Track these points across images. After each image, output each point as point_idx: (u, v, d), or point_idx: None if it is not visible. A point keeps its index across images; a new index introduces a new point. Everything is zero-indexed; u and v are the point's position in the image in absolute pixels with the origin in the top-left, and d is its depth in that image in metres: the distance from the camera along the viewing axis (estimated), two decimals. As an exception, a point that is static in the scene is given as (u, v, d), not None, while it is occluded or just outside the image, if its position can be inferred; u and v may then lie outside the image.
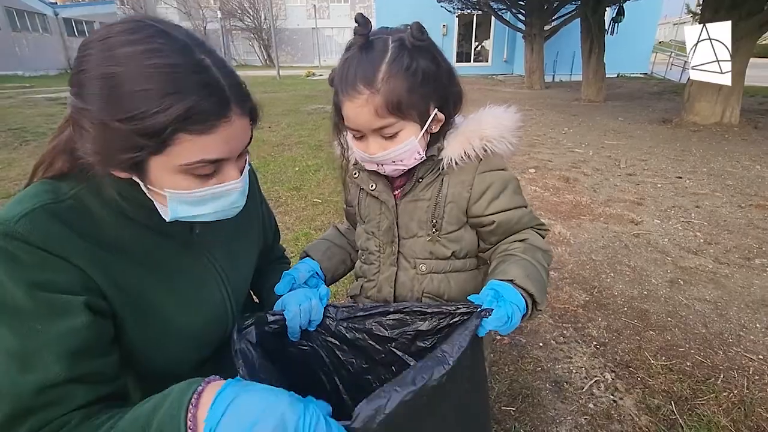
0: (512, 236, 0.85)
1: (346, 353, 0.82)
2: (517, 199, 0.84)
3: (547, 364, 1.77)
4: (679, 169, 4.49)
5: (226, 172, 0.60)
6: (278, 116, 8.00)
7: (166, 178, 0.56)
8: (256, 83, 15.44)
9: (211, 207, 0.61)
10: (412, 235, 0.86)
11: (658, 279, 2.41)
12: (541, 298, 0.72)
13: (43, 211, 0.55)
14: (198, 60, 0.53)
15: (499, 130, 0.81)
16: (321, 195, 3.77)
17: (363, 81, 0.69)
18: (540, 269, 0.76)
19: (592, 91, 9.75)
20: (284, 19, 30.41)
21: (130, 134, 0.50)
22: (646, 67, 17.33)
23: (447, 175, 0.82)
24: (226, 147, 0.57)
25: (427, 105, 0.75)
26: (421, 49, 0.71)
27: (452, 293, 0.88)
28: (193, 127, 0.52)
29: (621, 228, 3.10)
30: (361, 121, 0.72)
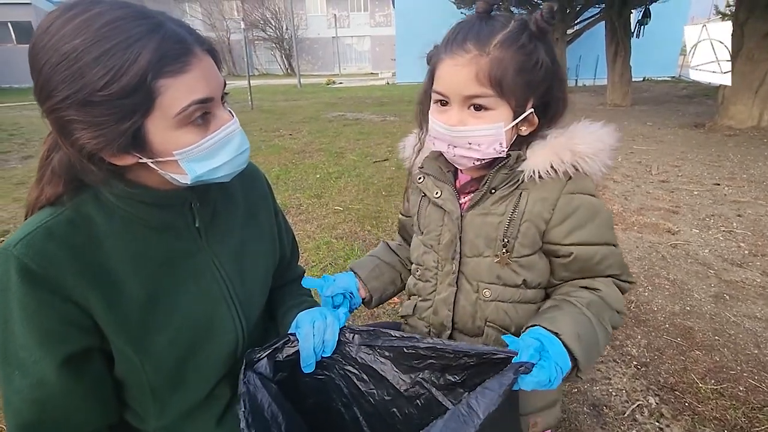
0: (585, 280, 0.72)
1: (366, 383, 0.74)
2: (606, 234, 0.71)
3: (584, 385, 1.66)
4: (716, 176, 4.27)
5: (219, 116, 0.60)
6: (299, 124, 8.06)
7: (169, 138, 0.55)
8: (278, 92, 15.68)
9: (223, 156, 0.60)
10: (477, 253, 0.74)
11: (701, 293, 2.26)
12: (586, 366, 0.62)
13: (41, 231, 0.56)
14: (140, 8, 0.53)
15: (594, 148, 0.69)
16: (342, 203, 3.74)
17: (474, 40, 0.63)
18: (599, 333, 0.65)
19: (617, 96, 9.48)
20: (305, 28, 30.96)
21: (115, 100, 0.50)
22: (674, 70, 16.80)
23: (526, 189, 0.71)
24: (207, 84, 0.56)
25: (526, 97, 0.67)
26: (544, 34, 0.65)
27: (521, 325, 0.75)
28: (169, 68, 0.52)
29: (657, 238, 2.94)
30: (456, 81, 0.65)
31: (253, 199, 0.82)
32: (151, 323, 0.63)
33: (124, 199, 0.61)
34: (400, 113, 9.13)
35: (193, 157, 0.57)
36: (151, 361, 0.64)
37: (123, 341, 0.61)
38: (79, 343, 0.59)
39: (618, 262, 0.72)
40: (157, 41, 0.51)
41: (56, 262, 0.55)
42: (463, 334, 0.80)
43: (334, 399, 0.76)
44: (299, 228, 3.22)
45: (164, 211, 0.64)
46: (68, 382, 0.58)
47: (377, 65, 31.21)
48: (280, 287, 0.92)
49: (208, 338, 0.69)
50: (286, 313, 0.86)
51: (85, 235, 0.59)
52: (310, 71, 31.16)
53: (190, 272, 0.68)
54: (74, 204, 0.60)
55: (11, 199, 3.99)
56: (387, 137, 6.58)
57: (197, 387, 0.70)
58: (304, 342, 0.70)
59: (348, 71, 31.09)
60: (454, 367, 0.66)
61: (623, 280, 0.73)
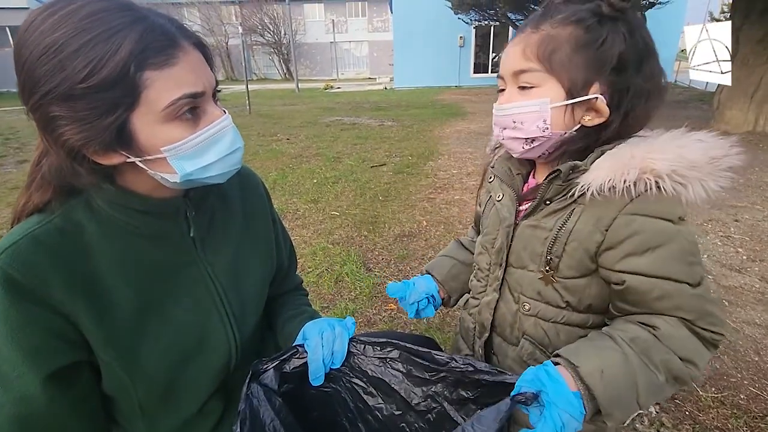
0: (643, 316, 0.60)
1: (374, 397, 0.71)
2: (673, 266, 0.57)
3: (583, 394, 1.63)
4: (713, 181, 4.27)
5: (210, 112, 0.57)
6: (297, 128, 8.05)
7: (156, 133, 0.52)
8: (276, 96, 15.70)
9: (213, 154, 0.57)
10: (521, 265, 0.71)
11: (700, 300, 2.24)
12: (611, 410, 0.53)
13: (28, 240, 0.54)
14: (124, 2, 0.51)
15: (674, 166, 0.56)
16: (339, 208, 3.72)
17: (533, 21, 0.63)
18: (640, 375, 0.54)
19: (614, 101, 9.51)
20: (303, 33, 31.08)
21: (97, 93, 0.48)
22: (670, 76, 16.92)
23: (582, 205, 0.62)
24: (196, 78, 0.54)
25: (588, 79, 0.60)
26: (616, 15, 0.59)
27: (560, 346, 0.66)
28: (153, 61, 0.50)
29: (655, 243, 2.93)
30: (506, 60, 0.65)
31: (252, 207, 0.80)
32: (141, 336, 0.61)
33: (115, 206, 0.59)
34: (398, 118, 9.14)
35: (182, 154, 0.54)
36: (140, 376, 0.61)
37: (111, 355, 0.59)
38: (66, 358, 0.56)
39: (691, 305, 0.58)
40: (140, 32, 0.49)
41: (43, 273, 0.53)
42: (502, 339, 0.78)
43: (339, 413, 0.74)
44: (295, 233, 3.19)
45: (158, 219, 0.62)
46: (54, 397, 0.55)
47: (375, 70, 31.35)
48: (278, 296, 0.90)
49: (199, 351, 0.67)
50: (286, 323, 0.84)
51: (75, 244, 0.57)
52: (308, 76, 31.25)
53: (183, 283, 0.66)
54: (64, 211, 0.57)
55: (5, 203, 3.96)
56: (384, 142, 6.57)
57: (188, 402, 0.68)
58: (313, 354, 0.67)
59: (346, 76, 31.20)
60: (468, 383, 0.63)
61: (701, 327, 0.57)
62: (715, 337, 0.58)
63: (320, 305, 2.27)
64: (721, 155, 0.58)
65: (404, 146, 6.23)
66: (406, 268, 2.64)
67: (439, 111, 10.07)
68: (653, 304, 0.59)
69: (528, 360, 0.72)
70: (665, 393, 0.57)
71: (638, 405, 0.55)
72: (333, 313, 2.19)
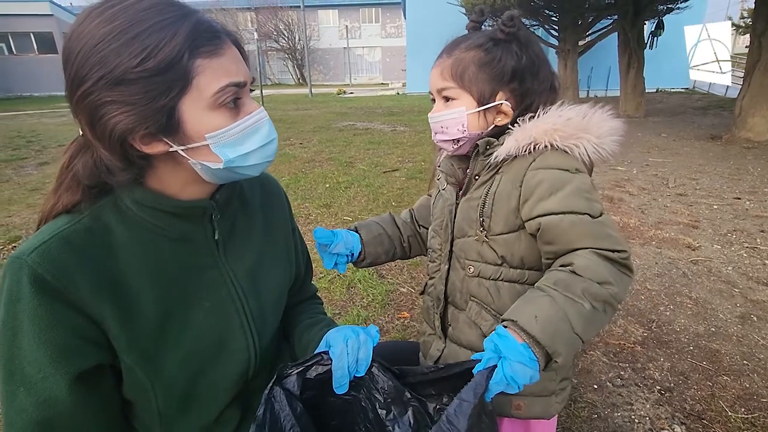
0: (561, 258, 0.70)
1: (389, 413, 0.69)
2: (573, 201, 0.69)
3: (604, 411, 1.57)
4: (736, 189, 4.15)
5: (248, 104, 0.60)
6: (309, 133, 8.09)
7: (203, 119, 0.55)
8: (289, 101, 15.84)
9: (253, 142, 0.60)
10: (463, 234, 0.83)
11: (727, 314, 2.16)
12: (555, 347, 0.59)
13: (57, 240, 0.54)
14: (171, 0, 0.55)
15: (555, 123, 0.73)
16: (351, 213, 3.70)
17: (447, 49, 0.79)
18: (569, 310, 0.62)
19: (630, 107, 9.37)
20: (317, 39, 31.42)
21: (151, 77, 0.50)
22: (688, 81, 16.59)
23: (502, 173, 0.77)
24: (239, 69, 0.57)
25: (493, 90, 0.76)
26: (507, 37, 0.75)
27: (502, 304, 0.78)
28: (204, 49, 0.53)
29: (676, 254, 2.84)
30: (431, 80, 0.81)
31: (272, 216, 0.81)
32: (163, 340, 0.61)
33: (144, 207, 0.59)
34: (410, 123, 9.13)
35: (225, 141, 0.56)
36: (161, 380, 0.61)
37: (134, 359, 0.58)
38: (92, 359, 0.56)
39: (594, 231, 0.68)
40: (192, 24, 0.53)
41: (72, 273, 0.53)
42: (454, 306, 0.87)
43: (358, 423, 0.73)
44: (307, 238, 3.16)
45: (184, 221, 0.63)
46: (77, 401, 0.55)
47: (388, 75, 31.46)
48: (294, 305, 0.90)
49: (219, 356, 0.66)
50: (303, 332, 0.83)
51: (103, 245, 0.57)
52: (321, 81, 31.52)
53: (204, 286, 0.66)
54: (93, 212, 0.58)
55: (25, 204, 4.04)
56: (397, 147, 6.56)
57: (206, 409, 0.67)
58: (338, 361, 0.67)
59: (359, 81, 31.38)
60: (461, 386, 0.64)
61: (608, 249, 0.67)
62: (621, 255, 0.67)
63: (332, 312, 2.24)
64: (591, 112, 0.74)
65: (417, 151, 6.20)
66: (419, 275, 2.60)
67: (451, 116, 10.01)
68: (564, 236, 0.69)
69: (476, 319, 0.81)
70: (598, 319, 0.64)
71: (578, 336, 0.62)
72: (345, 320, 2.16)
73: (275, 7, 30.82)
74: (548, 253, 0.73)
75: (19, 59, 19.18)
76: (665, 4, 9.89)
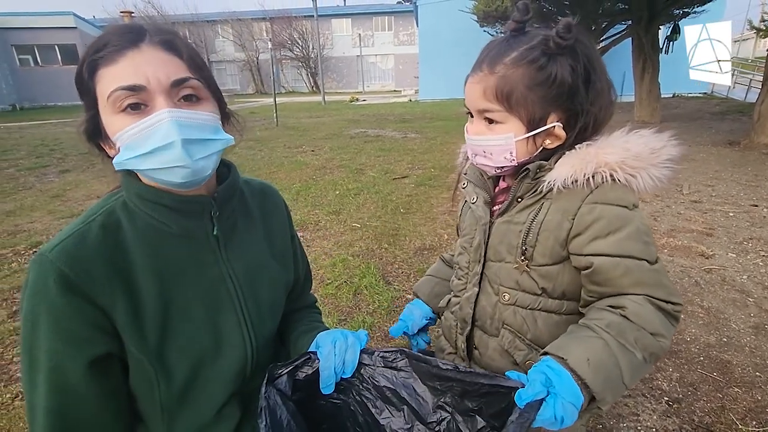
0: (611, 298, 0.66)
1: (383, 410, 0.71)
2: (632, 245, 0.65)
3: (609, 422, 1.55)
4: (753, 196, 4.05)
5: (157, 107, 0.59)
6: (321, 140, 8.19)
7: (108, 122, 0.60)
8: (302, 109, 16.06)
9: (148, 144, 0.58)
10: (499, 259, 0.77)
11: (740, 324, 2.11)
12: (605, 395, 0.58)
13: (75, 237, 0.59)
14: (131, 23, 0.64)
15: (622, 157, 0.66)
16: (360, 219, 3.73)
17: (488, 61, 0.69)
18: (620, 357, 0.59)
19: (645, 112, 9.23)
20: (331, 48, 31.80)
21: (81, 95, 0.62)
22: (706, 86, 16.27)
23: (550, 200, 0.71)
24: (138, 73, 0.58)
25: (544, 111, 0.68)
26: (562, 50, 0.65)
27: (539, 335, 0.75)
28: (101, 61, 0.58)
29: (689, 262, 2.78)
30: (471, 97, 0.72)
31: (272, 222, 0.84)
32: (166, 331, 0.64)
33: (146, 202, 0.64)
34: (422, 130, 9.16)
35: (126, 143, 0.59)
36: (163, 371, 0.64)
37: (140, 348, 0.62)
38: (104, 347, 0.60)
39: (650, 279, 0.65)
40: (106, 38, 0.59)
41: (87, 267, 0.58)
42: (483, 331, 0.83)
43: (348, 427, 0.74)
44: (316, 245, 3.22)
45: (185, 217, 0.66)
46: (91, 386, 0.59)
47: (400, 83, 31.63)
48: (292, 313, 0.92)
49: (217, 352, 0.69)
50: (299, 337, 0.85)
51: (114, 241, 0.62)
52: (334, 89, 31.84)
53: (204, 282, 0.69)
54: (106, 210, 0.64)
55: (46, 211, 4.18)
56: (407, 154, 6.59)
57: (206, 405, 0.69)
58: (325, 361, 0.69)
59: (371, 89, 31.61)
60: (471, 392, 0.65)
61: (662, 299, 0.64)
62: (675, 308, 0.65)
63: (338, 318, 2.26)
64: (659, 146, 0.68)
65: (427, 158, 6.22)
66: (425, 283, 2.60)
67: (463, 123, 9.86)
68: (618, 281, 0.66)
69: (509, 348, 0.77)
70: (644, 370, 0.63)
71: (624, 384, 0.60)
72: (350, 326, 2.18)
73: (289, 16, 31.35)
74: (593, 292, 0.69)
75: (45, 70, 19.92)
76: (681, 9, 9.74)
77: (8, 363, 1.96)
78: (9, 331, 2.19)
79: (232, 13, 32.86)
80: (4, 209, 4.26)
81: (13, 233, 3.58)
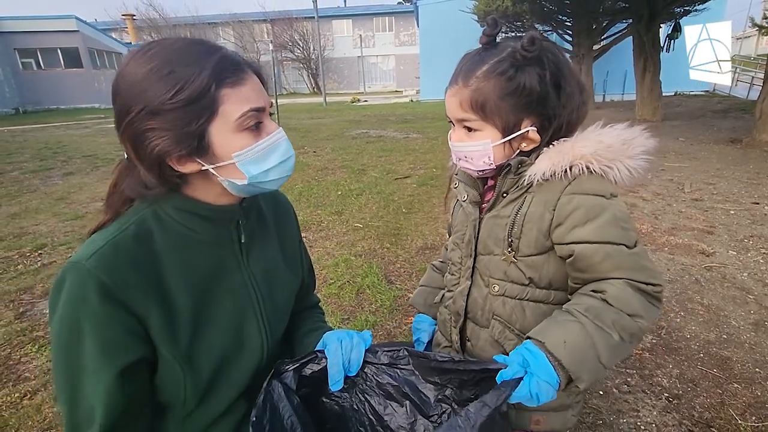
0: (593, 284, 0.70)
1: (387, 407, 0.73)
2: (610, 232, 0.68)
3: (609, 417, 1.57)
4: (754, 194, 4.05)
5: (268, 126, 0.67)
6: (323, 141, 8.22)
7: (229, 141, 0.62)
8: (304, 110, 16.09)
9: (273, 159, 0.67)
10: (488, 252, 0.82)
11: (740, 321, 2.12)
12: (581, 374, 0.62)
13: (110, 246, 0.61)
14: (200, 39, 0.64)
15: (596, 148, 0.70)
16: (362, 219, 3.75)
17: (462, 74, 0.73)
18: (597, 339, 0.63)
19: (647, 111, 9.23)
20: (332, 49, 31.84)
21: (184, 106, 0.59)
22: (707, 84, 16.23)
23: (533, 193, 0.75)
24: (259, 96, 0.65)
25: (517, 118, 0.73)
26: (529, 61, 0.70)
27: (527, 324, 0.78)
28: (228, 80, 0.61)
29: (690, 260, 2.79)
30: (449, 108, 0.77)
31: (283, 226, 0.88)
32: (196, 335, 0.67)
33: (182, 213, 0.67)
34: (423, 130, 9.18)
35: (248, 158, 0.64)
36: (191, 373, 0.67)
37: (173, 352, 0.65)
38: (138, 353, 0.62)
39: (629, 263, 0.68)
40: (216, 59, 0.61)
41: (124, 275, 0.60)
42: (474, 323, 0.87)
43: (351, 426, 0.76)
44: (319, 245, 3.24)
45: (216, 226, 0.70)
46: (125, 389, 0.61)
47: (401, 83, 31.65)
48: (298, 312, 0.95)
49: (238, 352, 0.73)
50: (305, 336, 0.89)
51: (147, 250, 0.64)
52: (335, 90, 31.89)
53: (229, 287, 0.72)
54: (138, 220, 0.66)
55: (51, 213, 4.22)
56: (409, 154, 6.61)
57: (220, 401, 0.73)
58: (333, 358, 0.72)
59: (373, 89, 31.63)
60: (467, 382, 0.68)
61: (642, 281, 0.67)
62: (655, 289, 0.68)
63: (341, 317, 2.29)
64: (631, 137, 0.72)
65: (429, 158, 6.24)
66: (427, 282, 2.62)
67: (464, 123, 10.01)
68: (599, 266, 0.69)
69: (499, 338, 0.81)
70: (623, 350, 0.66)
71: (602, 365, 0.63)
72: (353, 325, 2.20)
73: (290, 18, 31.42)
74: (577, 279, 0.73)
75: (47, 74, 20.01)
76: (681, 7, 9.74)
77: (16, 363, 1.99)
78: (16, 332, 2.22)
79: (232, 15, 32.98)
80: (9, 212, 4.30)
81: (19, 235, 3.61)
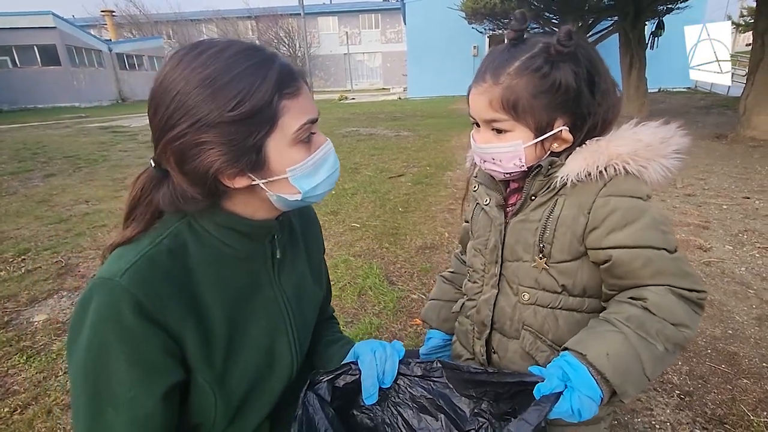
0: (632, 290, 0.66)
1: (421, 420, 0.70)
2: (650, 235, 0.65)
3: (623, 417, 1.55)
4: (744, 189, 4.13)
5: (317, 137, 0.64)
6: (313, 140, 8.11)
7: (285, 155, 0.59)
8: (291, 108, 15.89)
9: (323, 173, 0.64)
10: (516, 258, 0.76)
11: (743, 316, 2.13)
12: (625, 388, 0.59)
13: (144, 261, 0.56)
14: (252, 44, 0.59)
15: (634, 148, 0.66)
16: (359, 219, 3.70)
17: (491, 71, 0.69)
18: (641, 350, 0.60)
19: (633, 107, 9.36)
20: (317, 46, 31.62)
21: (245, 119, 0.54)
22: (690, 81, 16.59)
23: (564, 195, 0.70)
24: (313, 106, 0.62)
25: (551, 117, 0.68)
26: (564, 57, 0.66)
27: (560, 334, 0.74)
28: (287, 91, 0.57)
29: (688, 255, 2.81)
30: (476, 107, 0.72)
31: (310, 239, 0.85)
32: (230, 356, 0.64)
33: (221, 228, 0.63)
34: (414, 128, 9.15)
35: (301, 173, 0.61)
36: (223, 395, 0.63)
37: (206, 375, 0.61)
38: (177, 376, 0.58)
39: (671, 268, 0.64)
40: (277, 68, 0.57)
41: (160, 293, 0.55)
42: (501, 335, 0.81)
43: None
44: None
45: (252, 241, 0.66)
46: (165, 416, 0.57)
47: (388, 80, 31.59)
48: (316, 323, 0.93)
49: (270, 371, 0.70)
50: (327, 347, 0.87)
51: (182, 265, 0.60)
52: (322, 87, 31.67)
53: (262, 304, 0.69)
54: (171, 233, 0.61)
55: (33, 216, 4.05)
56: (401, 152, 6.56)
57: (250, 422, 0.70)
58: (367, 370, 0.68)
59: (360, 87, 31.51)
60: (503, 395, 0.65)
61: (685, 288, 0.64)
62: (699, 296, 0.65)
63: (344, 320, 2.23)
64: (669, 135, 0.69)
65: (422, 156, 6.21)
66: (429, 282, 2.59)
67: (455, 120, 10.05)
68: (638, 272, 0.65)
69: (530, 350, 0.76)
70: (668, 360, 0.63)
71: (646, 377, 0.60)
72: (357, 328, 2.15)
73: (275, 15, 31.06)
74: (614, 285, 0.69)
75: (23, 71, 19.32)
76: (665, 5, 9.91)
77: (3, 375, 1.89)
78: (2, 342, 2.11)
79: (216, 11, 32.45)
80: (-12, 216, 4.11)
81: (0, 240, 3.46)
